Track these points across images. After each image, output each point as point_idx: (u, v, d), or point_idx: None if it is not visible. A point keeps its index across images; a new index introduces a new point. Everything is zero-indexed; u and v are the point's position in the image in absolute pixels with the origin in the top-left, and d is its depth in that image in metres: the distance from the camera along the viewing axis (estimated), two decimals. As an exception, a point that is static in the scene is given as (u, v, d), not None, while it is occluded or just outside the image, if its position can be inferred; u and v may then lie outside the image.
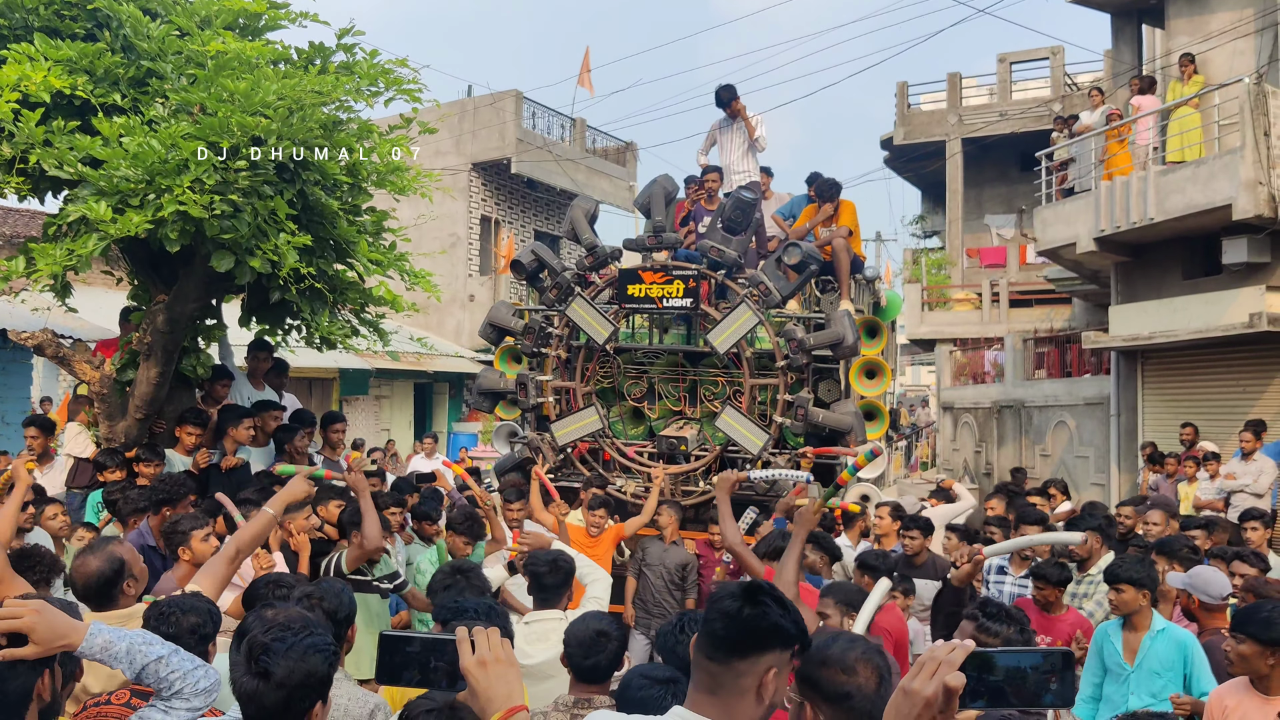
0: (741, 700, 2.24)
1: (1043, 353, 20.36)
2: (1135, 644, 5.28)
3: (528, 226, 25.61)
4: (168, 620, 3.25)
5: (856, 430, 8.96)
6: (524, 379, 9.51)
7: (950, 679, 1.66)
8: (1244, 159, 12.44)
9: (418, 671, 2.01)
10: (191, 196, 5.90)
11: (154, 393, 7.21)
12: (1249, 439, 11.55)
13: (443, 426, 23.96)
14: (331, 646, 2.74)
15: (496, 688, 1.94)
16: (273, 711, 2.57)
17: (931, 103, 28.66)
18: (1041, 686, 1.71)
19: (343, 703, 3.42)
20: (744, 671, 2.23)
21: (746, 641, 2.25)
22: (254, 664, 2.61)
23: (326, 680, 2.69)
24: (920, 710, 1.68)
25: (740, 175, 11.14)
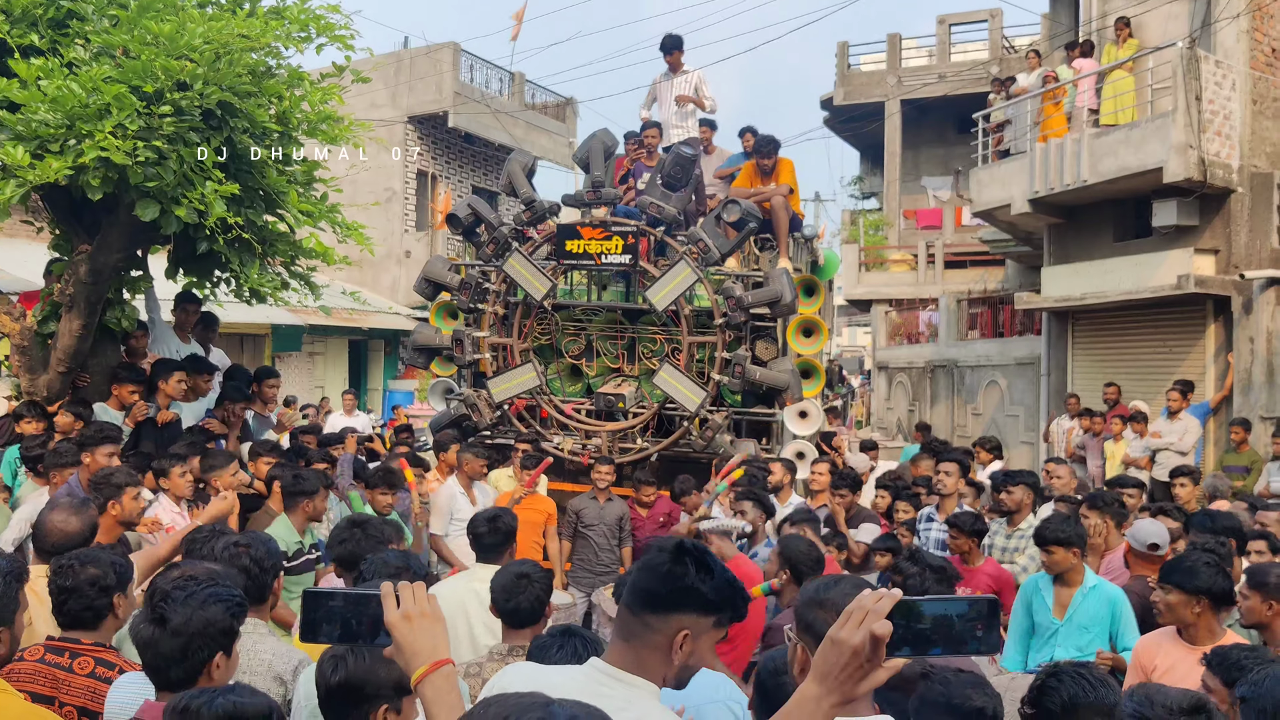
0: (651, 655, 2.27)
1: (976, 313, 20.63)
2: (1066, 599, 5.34)
3: (465, 181, 25.30)
4: (66, 573, 3.18)
5: (793, 388, 9.01)
6: (460, 335, 9.41)
7: (877, 627, 1.65)
8: (1175, 123, 12.61)
9: (339, 626, 1.96)
10: (114, 142, 5.70)
11: (76, 345, 7.01)
12: (1176, 398, 11.81)
13: (378, 384, 23.71)
14: (237, 598, 2.70)
15: (421, 641, 1.91)
16: (169, 659, 2.53)
17: (871, 64, 28.73)
18: (968, 633, 1.71)
19: (266, 657, 3.36)
20: (655, 627, 2.26)
21: (661, 598, 2.26)
22: (152, 610, 2.56)
23: (228, 631, 2.64)
24: (848, 659, 1.68)
25: (679, 131, 11.07)
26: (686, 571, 2.27)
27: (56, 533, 3.90)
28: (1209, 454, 12.64)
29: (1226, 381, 13.09)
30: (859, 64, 28.90)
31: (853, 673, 1.69)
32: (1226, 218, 13.34)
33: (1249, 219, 13.23)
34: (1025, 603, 5.56)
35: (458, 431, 9.57)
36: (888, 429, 21.74)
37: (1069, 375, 15.84)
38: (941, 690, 2.68)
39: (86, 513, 4.00)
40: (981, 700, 2.69)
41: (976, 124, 16.92)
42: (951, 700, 2.66)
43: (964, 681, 2.72)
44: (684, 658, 2.28)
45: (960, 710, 2.65)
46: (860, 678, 1.69)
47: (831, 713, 1.72)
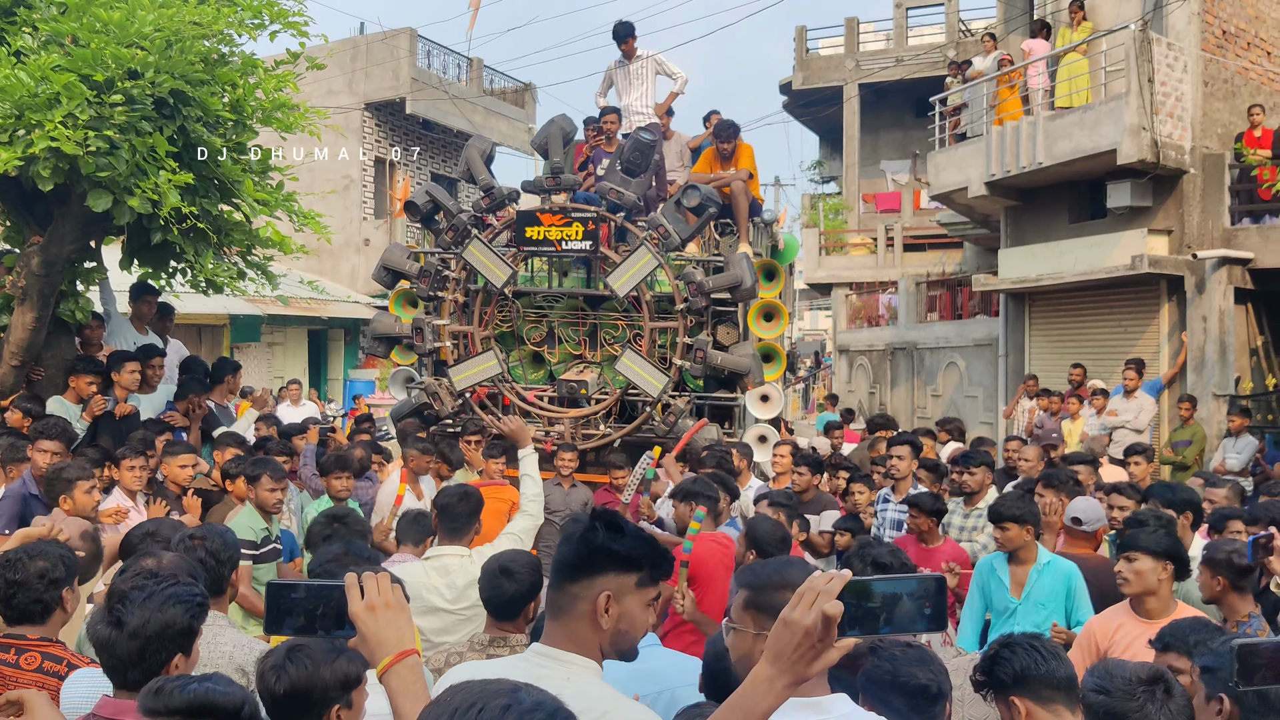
0: (579, 624, 2.32)
1: (935, 296, 20.79)
2: (1022, 578, 5.40)
3: (424, 169, 25.13)
4: (14, 566, 3.13)
5: (754, 372, 9.06)
6: (420, 323, 9.37)
7: (828, 607, 1.68)
8: (1129, 105, 12.77)
9: (303, 618, 1.96)
10: (64, 132, 5.63)
11: (30, 338, 6.92)
12: (1131, 377, 12.01)
13: (339, 374, 23.54)
14: (198, 598, 2.66)
15: (385, 632, 1.91)
16: (127, 661, 2.50)
17: (829, 48, 28.80)
18: (916, 611, 1.74)
19: (227, 649, 3.35)
20: (579, 595, 2.32)
21: (579, 565, 2.33)
22: (109, 612, 2.53)
23: (187, 632, 2.61)
24: (800, 639, 1.70)
25: (639, 117, 11.04)
26: (596, 534, 2.33)
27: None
28: (1162, 430, 12.85)
29: (1179, 359, 13.30)
30: (817, 48, 28.96)
31: (805, 653, 1.71)
32: (1179, 198, 13.53)
33: (1201, 200, 13.43)
34: (981, 583, 5.63)
35: (419, 421, 9.53)
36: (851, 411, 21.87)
37: (1026, 356, 16.02)
38: (888, 667, 2.71)
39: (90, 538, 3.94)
40: (926, 677, 2.72)
41: (934, 107, 17.03)
42: (898, 677, 2.69)
43: (910, 658, 2.75)
44: (613, 622, 2.32)
45: (906, 687, 2.68)
46: (813, 658, 1.72)
47: (785, 693, 1.74)
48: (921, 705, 2.67)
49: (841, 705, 2.39)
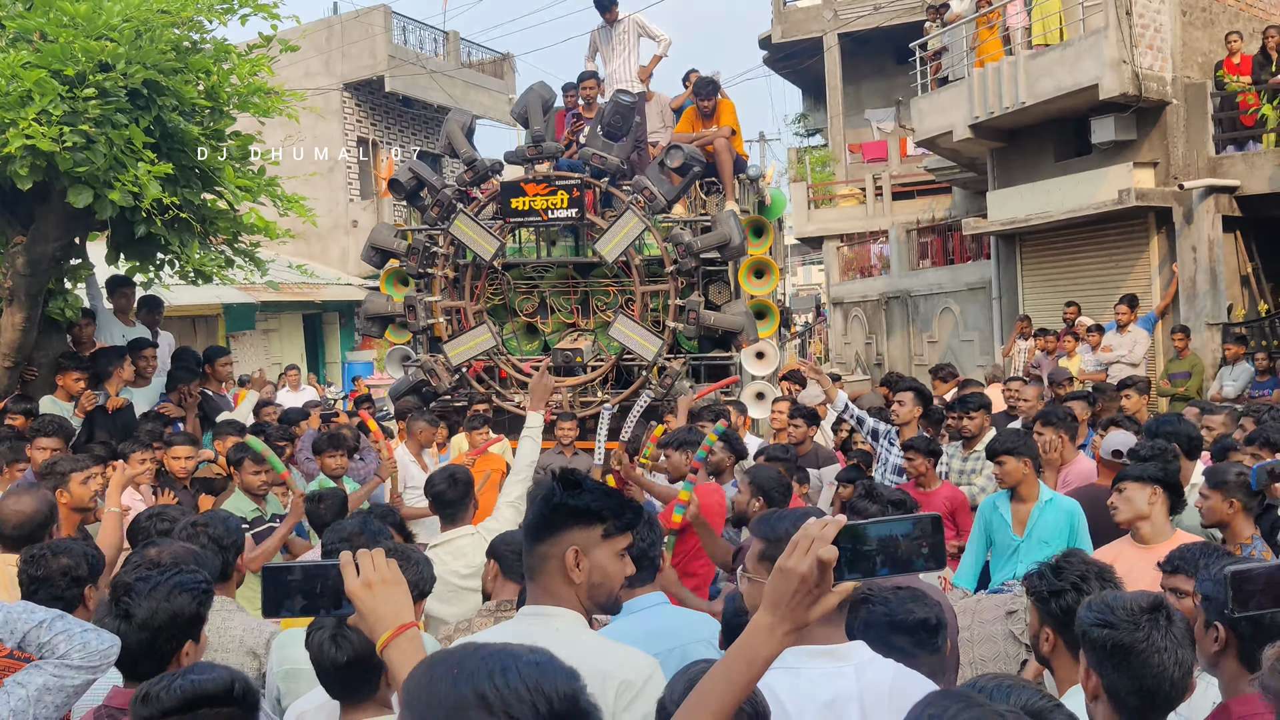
0: (552, 580, 2.40)
1: (926, 242, 20.75)
2: (1024, 515, 5.43)
3: (408, 146, 24.97)
4: (37, 562, 3.12)
5: (748, 330, 9.07)
6: (412, 301, 9.36)
7: (823, 553, 1.69)
8: (1108, 39, 12.69)
9: (301, 599, 1.97)
10: (39, 129, 5.60)
11: (21, 339, 6.91)
12: (1124, 311, 12.03)
13: (336, 357, 23.52)
14: (203, 584, 2.67)
15: (383, 608, 1.92)
16: (138, 653, 2.51)
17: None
18: (913, 552, 1.75)
19: (237, 633, 3.38)
20: (546, 554, 2.40)
21: (544, 525, 2.42)
22: (116, 605, 2.54)
23: (195, 619, 2.62)
24: (796, 585, 1.72)
25: (624, 83, 10.95)
26: (554, 492, 2.41)
27: (12, 515, 3.86)
28: (1158, 362, 12.88)
29: (1169, 290, 13.31)
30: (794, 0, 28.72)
31: (802, 599, 1.73)
32: (1163, 130, 13.48)
33: (1185, 130, 13.38)
34: (984, 522, 5.65)
35: (418, 398, 9.54)
36: (846, 363, 21.89)
37: (1020, 297, 16.02)
38: (883, 610, 2.73)
39: (39, 493, 3.95)
40: (924, 612, 2.75)
41: (914, 54, 16.92)
42: (895, 616, 2.72)
43: (903, 597, 2.77)
44: (585, 575, 2.38)
45: (905, 625, 2.71)
46: (810, 603, 1.73)
47: (785, 640, 1.76)
48: (924, 639, 2.71)
49: (859, 652, 2.42)
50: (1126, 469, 4.46)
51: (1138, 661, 2.32)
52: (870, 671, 2.39)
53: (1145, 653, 2.32)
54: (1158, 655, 2.32)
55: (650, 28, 10.89)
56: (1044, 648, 2.94)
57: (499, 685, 1.28)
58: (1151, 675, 2.31)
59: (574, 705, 1.32)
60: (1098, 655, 2.38)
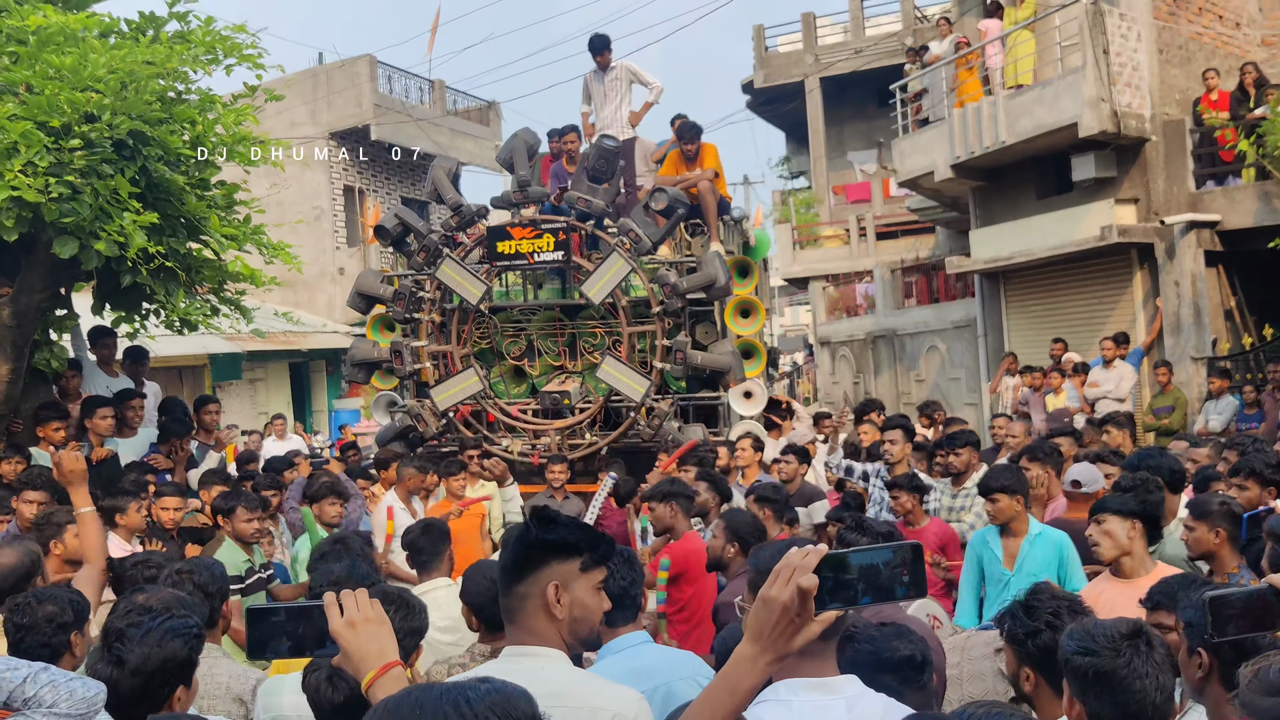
0: (535, 620, 2.38)
1: (911, 281, 20.88)
2: (1014, 549, 5.45)
3: (394, 194, 25.09)
4: (22, 610, 3.09)
5: (735, 369, 9.08)
6: (398, 346, 9.36)
7: (803, 581, 1.69)
8: (1086, 78, 12.86)
9: (286, 639, 1.96)
10: (25, 180, 5.62)
11: (7, 390, 6.90)
12: (1110, 348, 12.12)
13: (323, 405, 23.47)
14: (194, 629, 2.66)
15: (368, 646, 1.92)
16: (130, 699, 2.49)
17: (788, 44, 28.91)
18: (894, 580, 1.75)
19: (223, 680, 3.35)
20: (526, 593, 2.38)
21: (521, 564, 2.39)
22: (108, 651, 2.52)
23: (187, 664, 2.61)
24: (778, 615, 1.72)
25: (617, 129, 10.99)
26: (529, 530, 2.40)
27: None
28: (1142, 396, 12.94)
29: (1154, 326, 13.40)
30: (776, 45, 29.06)
31: (784, 629, 1.73)
32: (1143, 167, 13.64)
33: (1165, 166, 13.53)
34: (975, 557, 5.66)
35: (404, 444, 9.52)
36: (835, 402, 21.92)
37: (1005, 334, 16.10)
38: (869, 647, 2.72)
39: (22, 546, 3.93)
40: (909, 649, 2.74)
41: (895, 96, 17.11)
42: (880, 654, 2.71)
43: (888, 634, 2.77)
44: (566, 610, 2.37)
45: (891, 662, 2.69)
46: (793, 633, 1.74)
47: (767, 670, 1.76)
48: (910, 676, 2.69)
49: (851, 685, 2.42)
50: (1105, 500, 4.47)
51: (1120, 688, 2.32)
52: (861, 705, 2.39)
53: (1127, 679, 2.32)
54: (1139, 681, 2.32)
55: (642, 75, 10.96)
56: (1025, 687, 2.93)
57: (466, 715, 1.29)
58: (1134, 701, 2.32)
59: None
60: (1080, 683, 2.38)
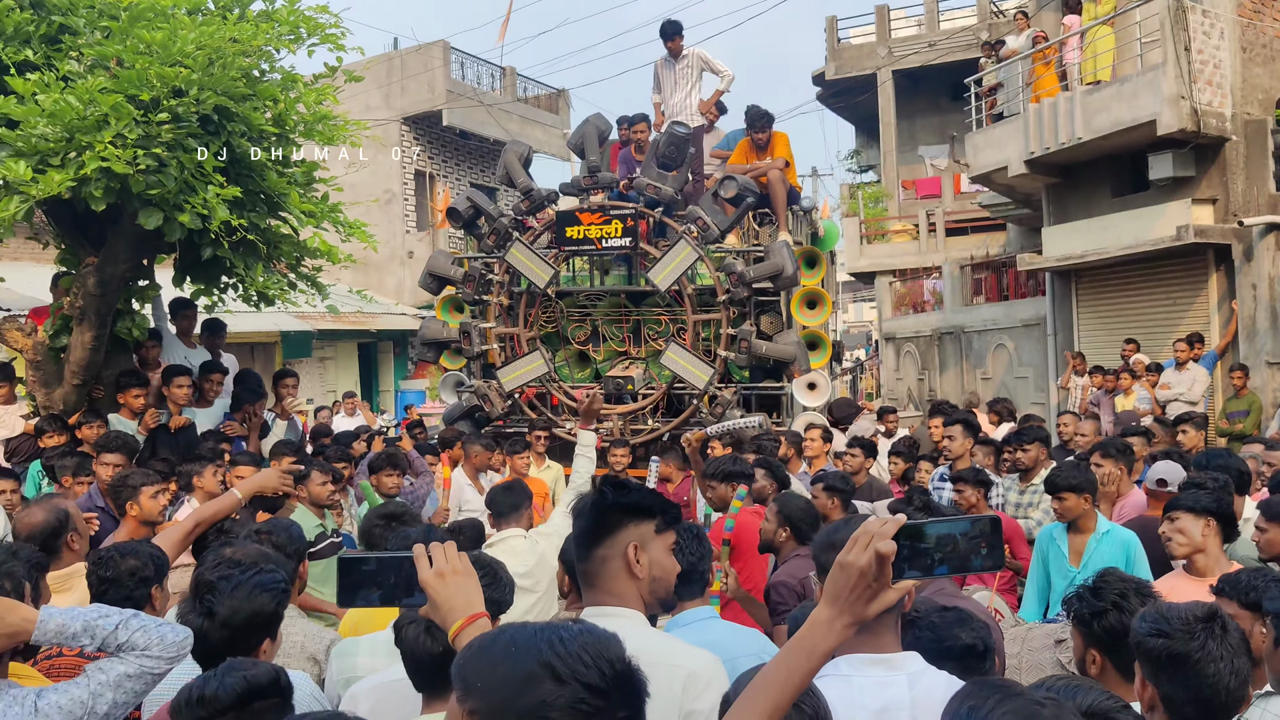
0: (616, 582, 2.46)
1: (980, 278, 20.63)
2: (1081, 546, 5.39)
3: (463, 179, 25.34)
4: (106, 564, 3.21)
5: (800, 360, 9.07)
6: (467, 327, 9.49)
7: (881, 546, 1.71)
8: (1166, 74, 12.61)
9: (375, 588, 2.02)
10: (114, 152, 5.78)
11: (90, 357, 7.10)
12: (1184, 349, 11.90)
13: (389, 385, 23.81)
14: (281, 584, 2.74)
15: (456, 598, 1.96)
16: (219, 649, 2.57)
17: (861, 36, 28.67)
18: (972, 551, 1.77)
19: (298, 639, 3.43)
20: (607, 556, 2.46)
21: (599, 529, 2.47)
22: (199, 602, 2.61)
23: (274, 618, 2.69)
24: (855, 580, 1.74)
25: (686, 117, 11.01)
26: (605, 494, 2.48)
27: (24, 527, 3.96)
28: (1215, 400, 12.68)
29: (1229, 329, 13.11)
30: (848, 37, 28.84)
31: (861, 593, 1.75)
32: (1222, 166, 13.33)
33: (1245, 166, 13.23)
34: (1041, 554, 5.61)
35: (471, 423, 9.65)
36: (898, 399, 21.75)
37: (1075, 334, 15.86)
38: (930, 634, 2.72)
39: (50, 504, 4.05)
40: (970, 636, 2.73)
41: (969, 90, 16.91)
42: (942, 641, 2.71)
43: (949, 621, 2.76)
44: (646, 570, 2.45)
45: (952, 650, 2.69)
46: (869, 598, 1.76)
47: (844, 633, 1.78)
48: (971, 664, 2.69)
49: (913, 662, 2.43)
50: (1179, 498, 4.41)
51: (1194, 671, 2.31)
52: (923, 682, 2.40)
53: (1201, 662, 2.31)
54: (1214, 664, 2.31)
55: (714, 62, 10.96)
56: (1091, 670, 2.92)
57: (561, 655, 1.33)
58: (1208, 685, 2.30)
59: (630, 669, 1.37)
60: (1154, 666, 2.37)
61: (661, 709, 2.32)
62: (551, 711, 1.30)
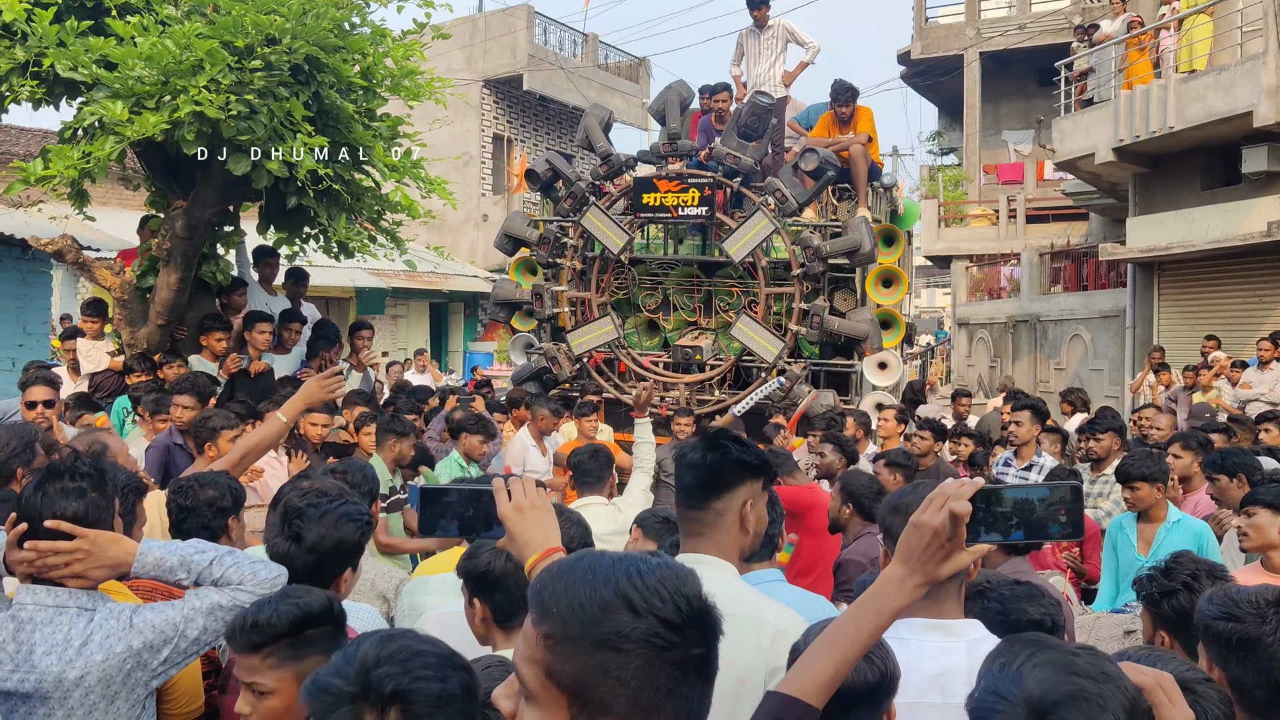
0: (728, 535, 2.49)
1: (1059, 267, 20.27)
2: (1150, 535, 5.31)
3: (540, 145, 25.42)
4: (185, 493, 3.28)
5: (872, 338, 8.98)
6: (539, 289, 9.54)
7: (956, 506, 1.70)
8: (1266, 65, 12.23)
9: (455, 521, 2.06)
10: (208, 97, 5.89)
11: (174, 299, 7.27)
12: (1268, 348, 11.57)
13: (458, 346, 24.06)
14: (365, 516, 2.81)
15: (533, 532, 1.99)
16: (302, 574, 2.64)
17: (949, 15, 28.17)
18: (1049, 518, 1.74)
19: (369, 577, 3.51)
20: (723, 510, 2.48)
21: (718, 482, 2.49)
22: (287, 527, 2.67)
23: (357, 549, 2.75)
24: (929, 539, 1.73)
25: (769, 87, 10.92)
26: (729, 450, 2.49)
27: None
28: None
29: (1317, 329, 12.75)
30: (937, 16, 28.35)
31: (934, 553, 1.74)
32: (1320, 162, 12.93)
33: (1343, 163, 12.81)
34: (1112, 543, 5.54)
35: (539, 385, 9.73)
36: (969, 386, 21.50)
37: (1155, 328, 15.53)
38: (998, 606, 2.70)
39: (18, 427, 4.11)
40: (1039, 611, 2.70)
41: (1057, 75, 16.56)
42: (1009, 615, 2.68)
43: (1019, 595, 2.73)
44: (754, 525, 2.50)
45: (1019, 624, 2.66)
46: (942, 558, 1.75)
47: (915, 592, 1.78)
48: None
49: (973, 630, 2.42)
50: (1258, 492, 4.30)
51: (1264, 654, 2.25)
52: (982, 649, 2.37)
53: (1273, 646, 2.25)
54: None
55: (799, 34, 10.83)
56: None
57: (639, 587, 1.31)
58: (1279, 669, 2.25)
59: (706, 606, 1.35)
60: (1221, 649, 2.32)
61: (749, 661, 2.36)
62: (626, 643, 1.28)
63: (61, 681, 2.39)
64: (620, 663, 1.28)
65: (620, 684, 1.28)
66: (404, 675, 1.62)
